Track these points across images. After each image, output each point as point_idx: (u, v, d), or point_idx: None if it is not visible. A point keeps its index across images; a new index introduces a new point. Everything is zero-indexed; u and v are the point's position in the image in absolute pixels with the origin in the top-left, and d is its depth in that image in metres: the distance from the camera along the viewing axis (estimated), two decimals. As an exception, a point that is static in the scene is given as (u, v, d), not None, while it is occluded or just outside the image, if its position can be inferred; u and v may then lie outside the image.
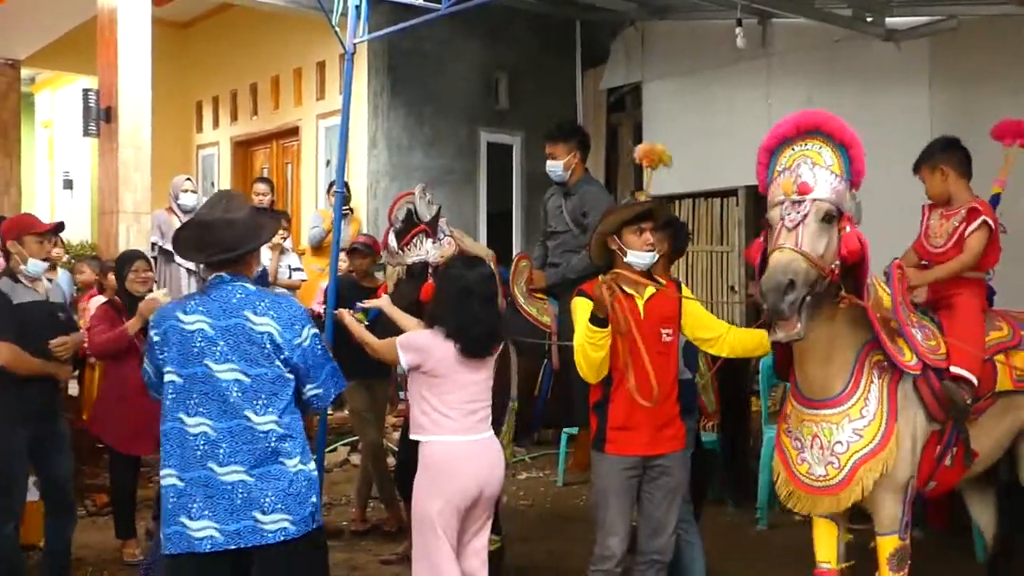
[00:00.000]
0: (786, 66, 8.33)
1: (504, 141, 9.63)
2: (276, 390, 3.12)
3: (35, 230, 4.71)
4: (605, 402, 3.81)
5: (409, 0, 6.37)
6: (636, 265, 3.80)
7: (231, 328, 3.10)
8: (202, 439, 3.09)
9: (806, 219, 3.18)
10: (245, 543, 3.05)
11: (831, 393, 3.45)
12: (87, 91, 8.30)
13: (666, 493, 3.86)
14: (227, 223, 3.23)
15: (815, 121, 3.30)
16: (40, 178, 14.33)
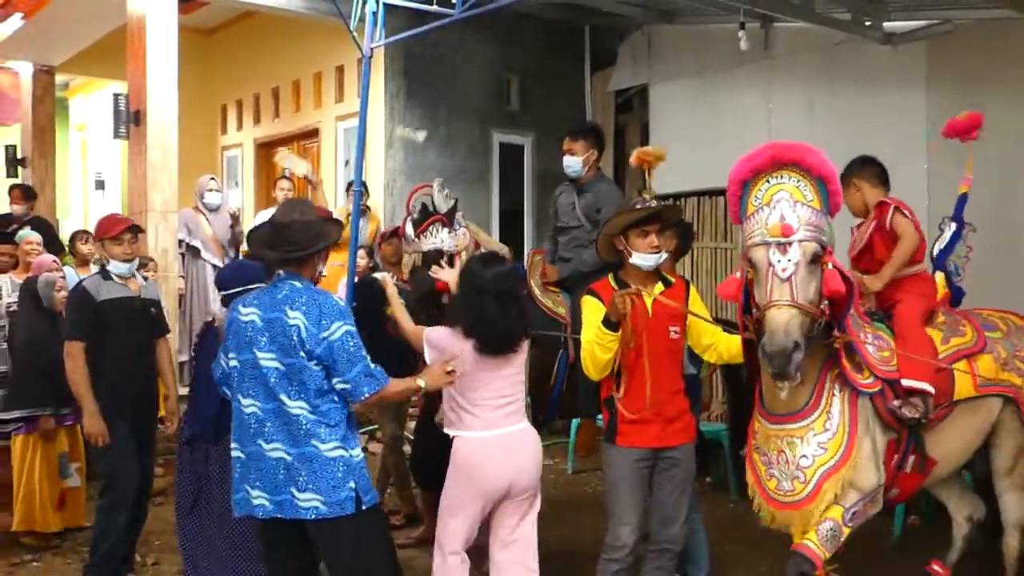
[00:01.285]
0: (787, 68, 8.27)
1: (515, 141, 9.60)
2: (304, 379, 3.23)
3: (112, 234, 4.72)
4: (616, 397, 3.77)
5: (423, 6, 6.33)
6: (641, 267, 3.76)
7: (272, 321, 3.25)
8: (253, 419, 3.30)
9: (797, 267, 3.04)
10: (286, 515, 3.25)
11: (795, 408, 3.35)
12: (117, 95, 8.31)
13: (677, 484, 3.83)
14: (303, 225, 3.35)
15: (793, 156, 3.11)
16: (74, 178, 14.40)
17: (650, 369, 3.71)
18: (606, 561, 3.83)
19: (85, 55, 10.29)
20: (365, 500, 3.27)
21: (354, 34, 6.39)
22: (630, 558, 3.82)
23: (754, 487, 3.51)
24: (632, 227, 3.75)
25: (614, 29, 9.64)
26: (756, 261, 3.13)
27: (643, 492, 3.82)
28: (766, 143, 3.16)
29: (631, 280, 3.77)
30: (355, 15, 6.28)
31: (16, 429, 5.56)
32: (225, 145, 11.71)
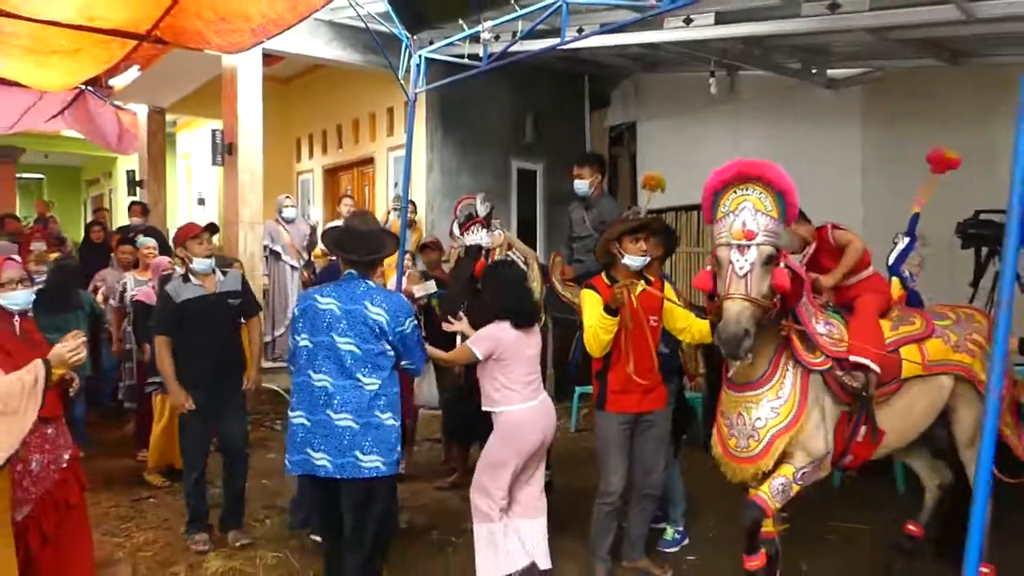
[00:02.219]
0: (750, 108, 8.24)
1: (529, 167, 9.56)
2: (379, 362, 3.27)
3: (192, 234, 4.61)
4: (605, 371, 3.80)
5: (457, 60, 6.33)
6: (631, 266, 3.79)
7: (352, 312, 3.24)
8: (323, 392, 3.25)
9: (753, 266, 2.99)
10: (347, 475, 3.22)
11: (753, 378, 3.29)
12: (215, 131, 8.35)
13: (654, 441, 3.88)
14: (372, 235, 3.44)
15: (756, 171, 3.03)
16: (180, 197, 14.48)
17: (633, 350, 3.74)
18: (600, 504, 3.86)
19: (189, 99, 10.35)
20: (401, 464, 3.38)
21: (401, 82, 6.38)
22: (619, 501, 3.86)
23: (717, 446, 3.45)
24: (626, 234, 3.79)
25: (608, 77, 9.61)
26: (720, 259, 3.09)
27: (627, 449, 3.84)
28: (734, 160, 3.09)
29: (620, 278, 3.78)
30: (403, 67, 6.29)
31: (154, 390, 5.61)
32: (299, 170, 11.73)
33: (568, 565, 4.06)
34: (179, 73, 8.77)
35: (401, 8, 6.06)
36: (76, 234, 13.22)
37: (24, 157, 15.94)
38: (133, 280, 6.39)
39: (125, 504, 5.15)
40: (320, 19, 7.59)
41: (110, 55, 7.02)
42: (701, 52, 7.11)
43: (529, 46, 6.07)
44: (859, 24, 5.53)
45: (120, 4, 5.69)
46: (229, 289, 4.62)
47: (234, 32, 6.11)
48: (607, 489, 3.83)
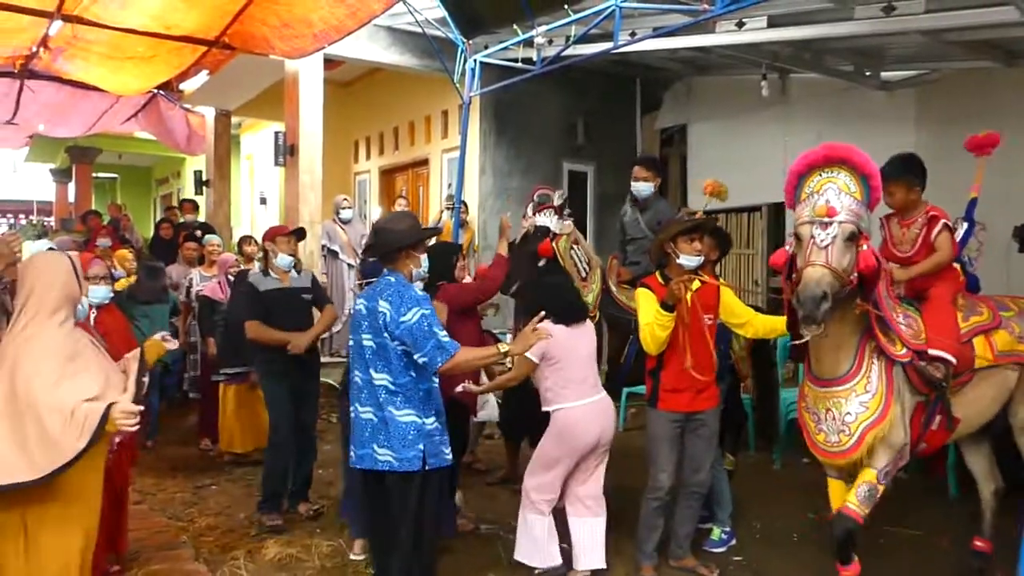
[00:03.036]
0: (800, 111, 8.06)
1: (580, 169, 9.50)
2: (387, 356, 3.17)
3: (282, 233, 4.86)
4: (659, 369, 3.76)
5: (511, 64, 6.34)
6: (685, 266, 3.75)
7: (371, 309, 3.21)
8: (355, 386, 3.30)
9: (834, 240, 2.96)
10: (365, 466, 3.22)
11: (840, 373, 3.23)
12: (277, 133, 8.50)
13: (704, 440, 3.82)
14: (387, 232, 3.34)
15: (843, 154, 3.02)
16: (244, 197, 14.75)
17: (688, 348, 3.69)
18: (648, 500, 3.84)
19: (253, 102, 10.52)
20: (431, 462, 3.18)
21: (456, 85, 6.42)
22: (667, 497, 3.83)
23: (807, 440, 3.40)
24: (681, 235, 3.76)
25: (660, 80, 9.51)
26: (802, 235, 3.06)
27: (677, 446, 3.81)
28: (822, 144, 3.08)
29: (675, 277, 3.74)
30: (458, 71, 6.32)
31: (226, 380, 5.80)
32: (357, 171, 11.85)
33: (616, 561, 4.02)
34: (245, 77, 8.92)
35: (457, 13, 6.10)
36: (146, 231, 13.60)
37: (100, 157, 16.43)
38: (199, 276, 6.54)
39: (188, 490, 5.27)
40: (379, 25, 7.66)
41: (181, 60, 7.22)
42: (752, 55, 6.98)
43: (582, 50, 6.04)
44: (915, 26, 5.38)
45: (192, 12, 5.84)
46: (302, 285, 4.87)
47: (297, 38, 6.23)
48: (655, 485, 3.80)
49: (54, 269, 2.82)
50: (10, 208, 21.55)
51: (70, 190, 17.57)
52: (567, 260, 4.87)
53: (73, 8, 5.57)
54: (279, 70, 8.08)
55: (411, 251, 3.31)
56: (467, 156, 7.00)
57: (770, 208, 8.31)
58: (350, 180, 11.86)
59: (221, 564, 4.03)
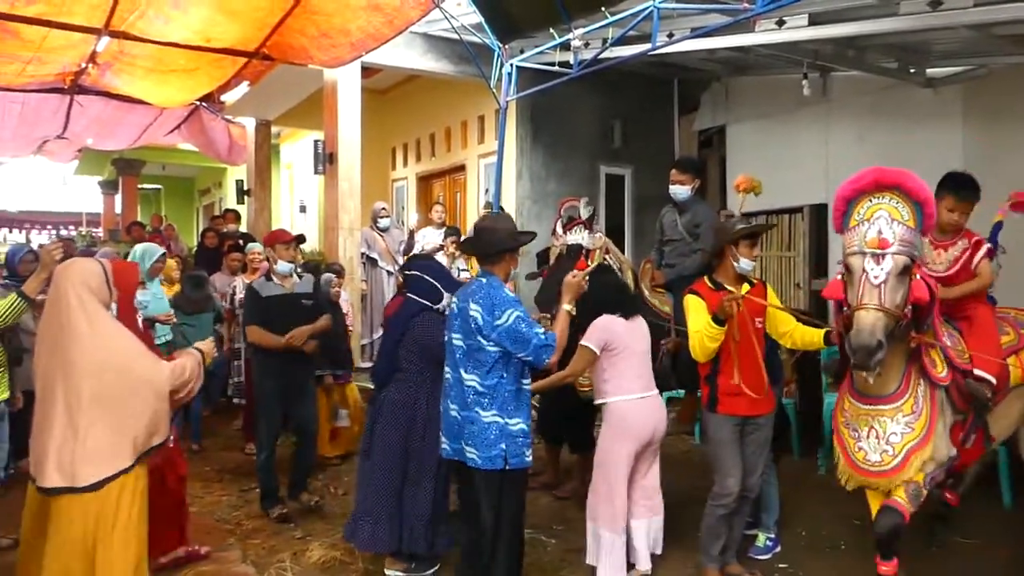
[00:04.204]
0: (841, 110, 7.93)
1: (618, 172, 9.46)
2: (480, 358, 3.25)
3: (283, 240, 4.99)
4: (715, 374, 3.72)
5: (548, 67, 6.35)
6: (743, 270, 3.71)
7: (462, 310, 3.30)
8: (447, 384, 3.42)
9: (888, 275, 2.86)
10: (458, 457, 3.34)
11: (886, 392, 3.17)
12: (317, 142, 8.60)
13: (758, 445, 3.79)
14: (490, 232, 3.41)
15: (895, 179, 2.91)
16: (284, 205, 14.98)
17: (742, 353, 3.64)
18: (714, 507, 3.77)
19: (292, 112, 10.69)
20: (511, 462, 3.23)
21: (493, 90, 6.45)
22: (735, 504, 3.76)
23: (840, 456, 3.34)
24: (744, 239, 3.71)
25: (697, 81, 9.43)
26: (852, 267, 2.96)
27: (740, 450, 3.76)
28: (870, 168, 2.98)
29: (724, 281, 3.72)
30: (494, 75, 6.35)
31: None
32: (394, 178, 11.96)
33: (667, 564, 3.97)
34: (284, 87, 9.07)
35: (494, 18, 6.12)
36: (190, 240, 13.88)
37: (145, 169, 16.84)
38: (242, 284, 6.63)
39: (234, 494, 5.35)
40: (415, 32, 7.73)
41: (223, 72, 7.37)
42: (793, 54, 6.89)
43: (619, 52, 6.02)
44: (962, 20, 5.25)
45: (233, 25, 5.96)
46: (303, 291, 5.02)
47: (335, 47, 6.32)
48: (723, 491, 3.73)
49: (89, 273, 2.96)
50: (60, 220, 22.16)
51: (117, 201, 18.02)
52: None
53: (120, 24, 5.72)
54: (318, 79, 8.19)
55: (513, 253, 3.43)
56: (504, 161, 7.02)
57: (812, 209, 8.18)
58: (387, 187, 11.96)
59: (268, 566, 4.09)
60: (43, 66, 6.78)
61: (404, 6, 5.43)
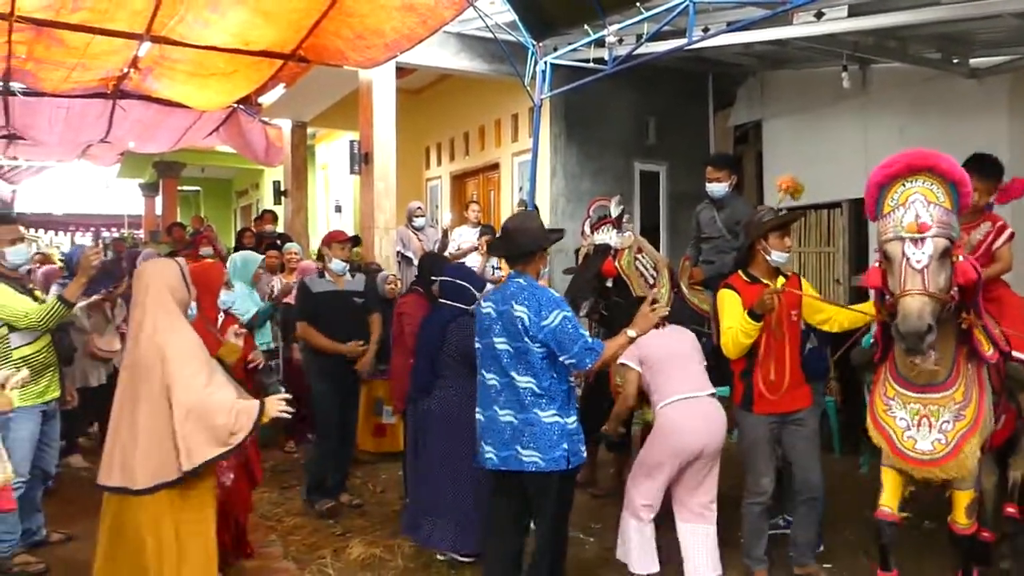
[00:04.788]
0: (881, 102, 7.77)
1: (652, 169, 9.39)
2: (530, 359, 3.16)
3: (339, 239, 5.11)
4: (750, 371, 3.66)
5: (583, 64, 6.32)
6: (775, 263, 3.66)
7: (503, 313, 3.21)
8: (492, 389, 3.28)
9: (930, 259, 2.80)
10: (509, 467, 3.21)
11: (937, 380, 3.09)
12: (352, 142, 8.67)
13: (805, 441, 3.70)
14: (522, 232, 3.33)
15: (928, 162, 2.85)
16: (320, 205, 15.12)
17: (777, 347, 3.59)
18: (750, 505, 3.74)
19: (327, 113, 10.78)
20: (573, 460, 3.19)
21: (527, 88, 6.44)
22: (769, 501, 3.74)
23: (883, 444, 3.24)
24: (773, 231, 3.66)
25: (733, 75, 9.32)
26: (891, 254, 2.89)
27: (774, 449, 3.71)
28: (901, 152, 2.92)
29: (759, 275, 3.67)
30: (528, 73, 6.34)
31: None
32: (428, 177, 12.01)
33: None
34: (319, 89, 9.16)
35: (527, 16, 6.11)
36: (228, 241, 14.08)
37: (184, 171, 17.14)
38: (279, 283, 6.71)
39: (275, 491, 5.42)
40: (449, 31, 7.75)
41: (260, 75, 7.47)
42: (831, 46, 6.77)
43: (654, 48, 5.97)
44: (1008, 8, 5.13)
45: (270, 28, 6.04)
46: (355, 289, 5.08)
47: (370, 48, 6.37)
48: (756, 490, 3.70)
49: (169, 274, 2.97)
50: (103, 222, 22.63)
51: (157, 203, 18.37)
52: (632, 273, 4.77)
53: (160, 29, 5.83)
54: (352, 80, 8.25)
55: (544, 252, 3.39)
56: (538, 159, 7.00)
57: (851, 204, 8.04)
58: (422, 186, 12.02)
59: (309, 563, 4.14)
60: (87, 72, 6.93)
61: (438, 6, 5.46)
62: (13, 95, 7.86)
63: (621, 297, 4.79)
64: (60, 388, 4.31)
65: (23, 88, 7.64)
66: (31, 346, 4.02)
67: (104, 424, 6.13)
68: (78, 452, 6.07)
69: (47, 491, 4.66)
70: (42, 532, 4.37)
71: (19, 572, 4.01)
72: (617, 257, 4.73)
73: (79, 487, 5.45)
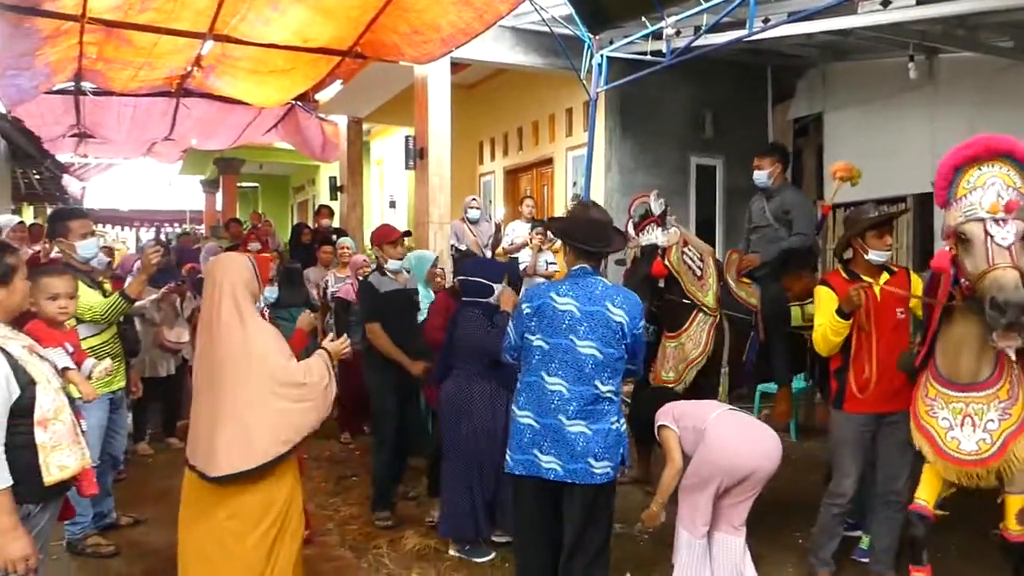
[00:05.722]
0: (950, 93, 7.51)
1: (709, 163, 9.26)
2: (618, 367, 3.03)
3: (389, 240, 4.87)
4: (845, 369, 3.55)
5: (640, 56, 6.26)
6: (874, 262, 3.53)
7: (594, 314, 2.99)
8: (557, 396, 3.01)
9: (1017, 238, 2.74)
10: (580, 480, 2.99)
11: (980, 378, 3.01)
12: (407, 137, 8.75)
13: (897, 445, 3.49)
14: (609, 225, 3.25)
15: (1007, 147, 2.79)
16: (374, 200, 15.30)
17: (877, 346, 3.48)
18: (828, 505, 3.66)
19: (382, 109, 10.89)
20: (627, 462, 3.16)
21: (583, 82, 6.40)
22: (850, 505, 3.65)
23: (925, 445, 3.16)
24: (871, 229, 3.53)
25: (793, 67, 9.13)
26: (971, 235, 2.82)
27: (863, 451, 3.59)
28: (978, 136, 2.85)
29: (861, 272, 3.56)
30: (584, 67, 6.31)
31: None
32: (482, 172, 12.04)
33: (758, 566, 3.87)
34: (375, 85, 9.25)
35: (584, 9, 6.07)
36: (284, 235, 14.35)
37: (243, 168, 17.54)
38: (334, 278, 6.82)
39: (331, 481, 5.50)
40: (504, 26, 7.74)
41: (317, 71, 7.58)
42: (897, 35, 6.57)
43: (713, 39, 5.87)
44: (1087, -7, 4.90)
45: (328, 25, 6.12)
46: (414, 286, 4.99)
47: (426, 43, 6.41)
48: (838, 491, 3.62)
49: (242, 267, 3.01)
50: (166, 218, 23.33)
51: (218, 199, 18.84)
52: (681, 268, 4.70)
53: (223, 28, 5.96)
54: (408, 76, 8.32)
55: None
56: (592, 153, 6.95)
57: (916, 199, 7.80)
58: (475, 181, 12.06)
59: (365, 552, 4.20)
60: (153, 71, 7.13)
61: (494, 0, 5.46)
62: (84, 95, 8.15)
63: (672, 294, 4.74)
64: (126, 378, 4.44)
65: (93, 88, 7.91)
66: (98, 337, 4.14)
67: (170, 412, 6.45)
68: (145, 440, 6.27)
69: (117, 477, 4.82)
70: (112, 516, 4.52)
71: (91, 553, 4.16)
72: (665, 255, 4.66)
73: (147, 473, 5.64)
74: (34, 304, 3.13)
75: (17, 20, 5.36)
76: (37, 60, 6.23)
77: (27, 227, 8.14)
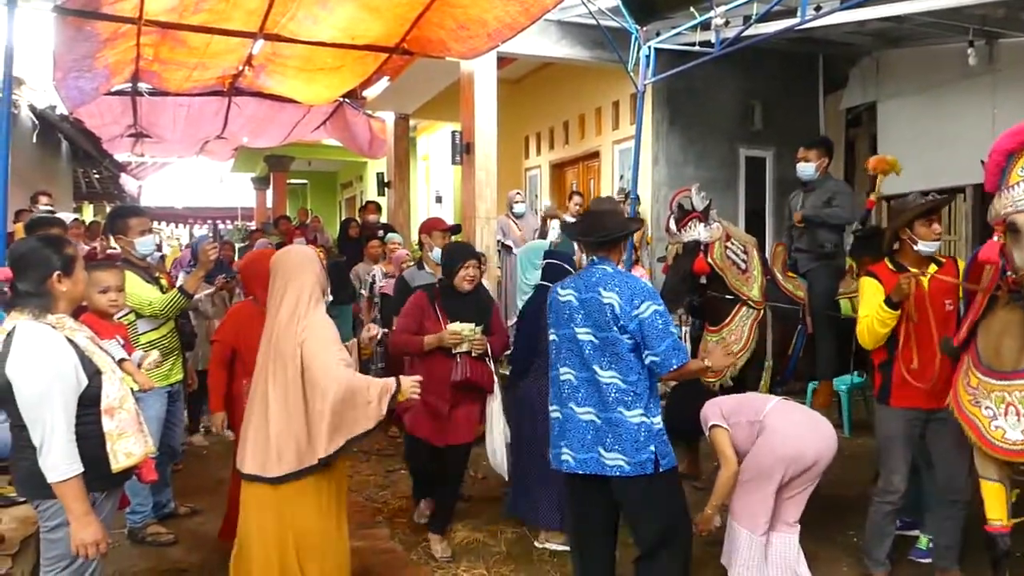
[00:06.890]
0: (1011, 79, 7.24)
1: (758, 155, 9.10)
2: (617, 351, 2.93)
3: (440, 227, 5.04)
4: (890, 362, 3.47)
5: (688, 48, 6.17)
6: (924, 252, 3.42)
7: (587, 300, 3.00)
8: (567, 385, 3.06)
9: None
10: (589, 471, 2.98)
11: (1022, 365, 2.90)
12: (454, 132, 8.77)
13: (951, 441, 3.37)
14: (612, 215, 3.27)
15: None
16: (421, 196, 15.39)
17: (925, 338, 3.37)
18: (878, 504, 3.59)
19: (429, 104, 10.90)
20: (663, 463, 2.93)
21: (631, 74, 6.34)
22: (901, 501, 3.56)
23: (971, 435, 3.06)
24: (919, 218, 3.42)
25: (845, 56, 8.90)
26: (1022, 226, 2.73)
27: (911, 447, 3.50)
28: None
29: (908, 263, 3.46)
30: (632, 59, 6.24)
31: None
32: (528, 167, 12.00)
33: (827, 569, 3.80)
34: (422, 81, 9.28)
35: (630, 1, 6.00)
36: (333, 231, 14.55)
37: (293, 165, 17.81)
38: (380, 272, 6.88)
39: (380, 474, 5.57)
40: (549, 19, 7.70)
41: (365, 69, 7.65)
42: (956, 20, 6.36)
43: (763, 29, 5.75)
44: None
45: (375, 22, 6.16)
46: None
47: (472, 38, 6.40)
48: (888, 488, 3.55)
49: (309, 261, 3.00)
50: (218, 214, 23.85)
51: (268, 196, 19.17)
52: (725, 264, 4.62)
53: (273, 27, 6.05)
54: (454, 72, 8.33)
55: (626, 240, 3.28)
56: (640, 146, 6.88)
57: (975, 189, 7.55)
58: (521, 175, 12.03)
59: (414, 545, 4.24)
60: (206, 71, 7.28)
61: (540, -6, 5.43)
62: (141, 95, 8.36)
63: (715, 290, 4.66)
64: (183, 371, 4.55)
65: (149, 88, 8.11)
66: (156, 331, 4.25)
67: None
68: (200, 432, 6.42)
69: (174, 468, 4.95)
70: (171, 505, 4.64)
71: (151, 541, 4.28)
72: (708, 252, 4.56)
73: (203, 464, 5.78)
74: (86, 298, 3.20)
75: (78, 24, 5.52)
76: (97, 62, 6.41)
77: (84, 224, 8.40)
